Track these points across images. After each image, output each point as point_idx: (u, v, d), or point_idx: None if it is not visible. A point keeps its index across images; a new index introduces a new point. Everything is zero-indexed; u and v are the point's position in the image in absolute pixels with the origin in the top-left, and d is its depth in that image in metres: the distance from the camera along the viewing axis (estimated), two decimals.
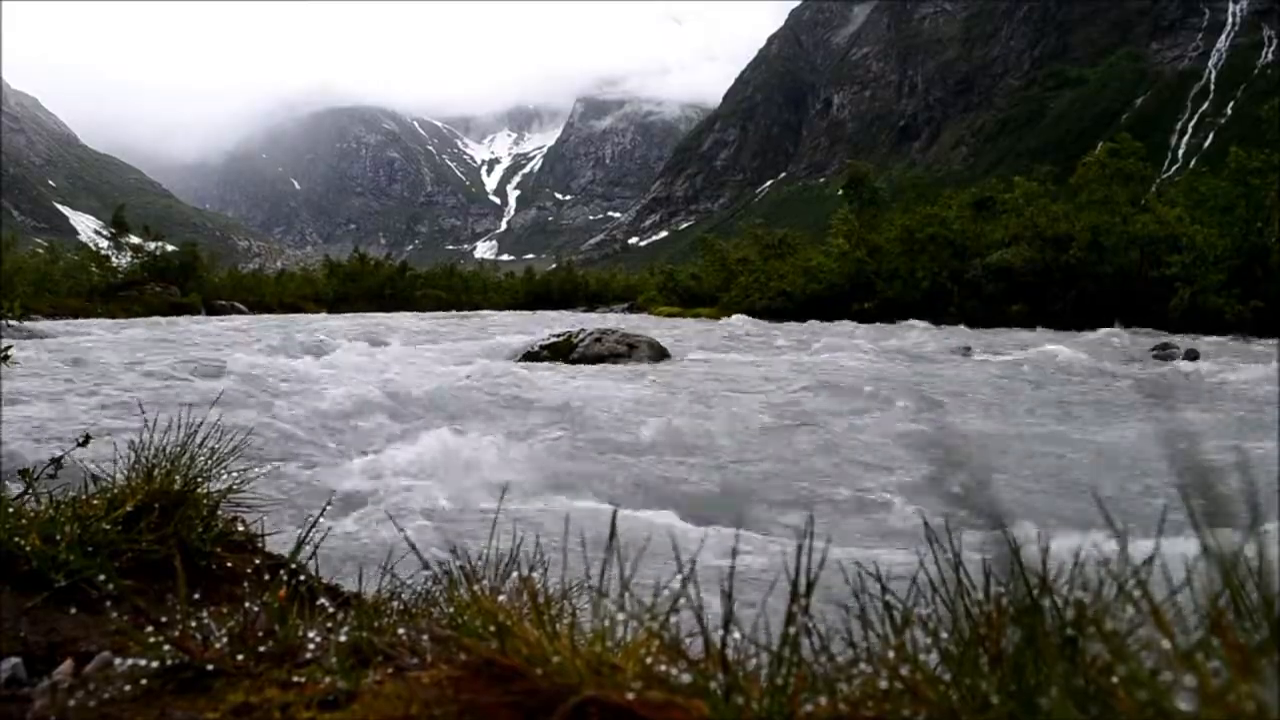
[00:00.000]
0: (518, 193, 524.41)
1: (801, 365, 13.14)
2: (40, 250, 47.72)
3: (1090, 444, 6.78)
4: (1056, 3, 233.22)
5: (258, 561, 1.74)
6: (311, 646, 1.14)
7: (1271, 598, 0.68)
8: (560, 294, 68.05)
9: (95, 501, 1.82)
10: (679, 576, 0.91)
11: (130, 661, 1.13)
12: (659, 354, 13.87)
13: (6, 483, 2.01)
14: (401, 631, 1.11)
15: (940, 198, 40.15)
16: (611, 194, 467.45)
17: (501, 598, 1.10)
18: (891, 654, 0.85)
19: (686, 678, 0.85)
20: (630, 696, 0.84)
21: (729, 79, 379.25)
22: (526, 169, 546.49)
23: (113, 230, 41.56)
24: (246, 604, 1.23)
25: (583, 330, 14.61)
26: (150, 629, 1.15)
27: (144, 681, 1.10)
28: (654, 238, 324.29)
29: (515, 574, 1.20)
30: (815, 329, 25.97)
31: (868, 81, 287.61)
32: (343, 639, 1.13)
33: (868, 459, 6.07)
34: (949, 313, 30.68)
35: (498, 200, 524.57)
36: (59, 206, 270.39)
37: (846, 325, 28.30)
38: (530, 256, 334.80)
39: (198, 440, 1.99)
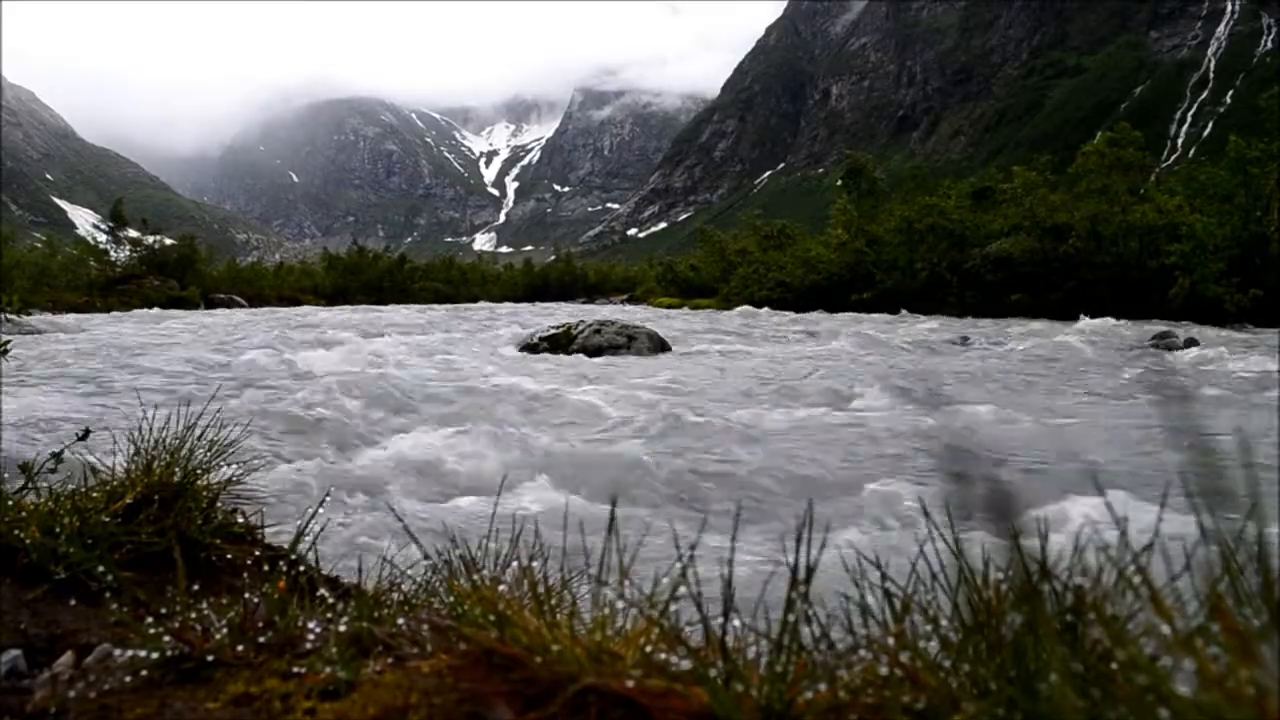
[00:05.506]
0: (516, 184, 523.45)
1: (800, 355, 13.14)
2: (38, 245, 47.61)
3: (1088, 428, 6.79)
4: None
5: (257, 553, 1.74)
6: (311, 637, 1.14)
7: (1271, 582, 0.68)
8: (559, 286, 68.19)
9: (95, 494, 1.82)
10: (678, 565, 0.91)
11: (130, 653, 1.13)
12: (658, 345, 13.87)
13: (6, 476, 2.01)
14: (401, 621, 1.12)
15: (939, 188, 40.12)
16: (610, 185, 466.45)
17: (501, 587, 1.10)
18: (891, 641, 0.85)
19: (686, 665, 0.85)
20: (630, 684, 0.84)
21: (727, 69, 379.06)
22: (525, 161, 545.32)
23: (111, 224, 41.45)
24: (246, 595, 1.23)
25: (581, 322, 14.60)
26: (150, 620, 1.15)
27: (144, 672, 1.10)
28: (653, 229, 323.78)
29: (515, 564, 1.20)
30: (814, 319, 25.96)
31: (866, 71, 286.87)
32: (343, 629, 1.13)
33: (868, 447, 6.08)
34: (948, 302, 30.67)
35: (496, 192, 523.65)
36: (56, 201, 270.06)
37: (845, 315, 28.28)
38: (529, 248, 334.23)
39: (197, 433, 1.99)
